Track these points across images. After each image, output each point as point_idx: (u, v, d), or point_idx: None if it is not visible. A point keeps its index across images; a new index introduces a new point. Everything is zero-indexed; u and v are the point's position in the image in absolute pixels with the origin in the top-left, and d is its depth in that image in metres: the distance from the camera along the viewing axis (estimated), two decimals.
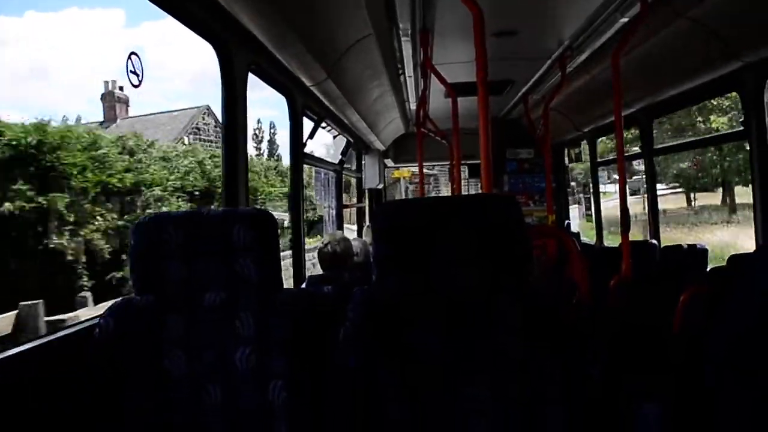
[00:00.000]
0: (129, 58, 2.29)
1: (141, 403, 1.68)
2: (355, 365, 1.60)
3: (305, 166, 4.43)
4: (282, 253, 2.04)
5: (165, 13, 2.29)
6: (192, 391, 1.69)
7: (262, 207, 10.82)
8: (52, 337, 1.91)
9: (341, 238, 3.62)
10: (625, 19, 3.49)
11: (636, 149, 5.72)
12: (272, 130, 49.59)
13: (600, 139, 6.78)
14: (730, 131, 3.89)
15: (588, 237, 6.96)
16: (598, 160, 6.67)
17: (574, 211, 7.85)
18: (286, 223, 11.07)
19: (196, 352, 1.70)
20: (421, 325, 1.63)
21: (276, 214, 11.03)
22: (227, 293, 1.77)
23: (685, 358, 2.10)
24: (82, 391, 1.69)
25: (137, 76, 2.33)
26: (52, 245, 9.99)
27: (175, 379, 1.69)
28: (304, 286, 3.58)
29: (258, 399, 1.67)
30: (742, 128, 3.55)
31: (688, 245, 4.41)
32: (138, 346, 1.70)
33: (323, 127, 5.30)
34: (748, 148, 3.56)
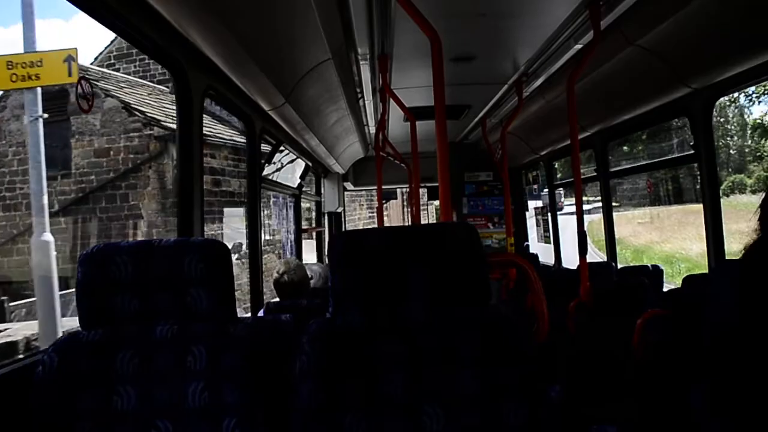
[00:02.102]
0: (79, 83, 2.23)
1: None
2: (313, 404, 1.55)
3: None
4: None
5: None
6: (143, 429, 1.61)
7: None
8: None
9: (296, 266, 3.56)
10: (579, 46, 3.57)
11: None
12: None
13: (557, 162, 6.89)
14: (681, 155, 4.00)
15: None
16: (555, 182, 6.77)
17: (533, 232, 7.92)
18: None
19: (147, 388, 1.63)
20: (378, 360, 1.60)
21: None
22: (179, 326, 1.71)
23: (644, 379, 2.11)
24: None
25: (87, 101, 2.26)
26: None
27: (125, 417, 1.61)
28: (261, 313, 3.51)
29: None
30: (692, 152, 3.64)
31: (644, 266, 4.49)
32: (85, 384, 1.62)
33: (281, 151, 5.26)
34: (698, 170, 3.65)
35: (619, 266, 4.70)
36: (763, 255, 1.44)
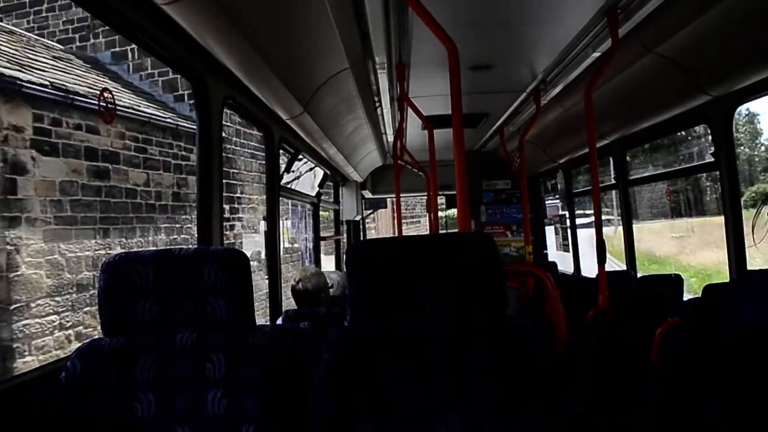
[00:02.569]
0: (101, 94, 2.27)
1: None
2: (330, 414, 1.56)
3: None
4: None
5: None
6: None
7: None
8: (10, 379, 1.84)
9: (314, 273, 3.58)
10: (597, 54, 3.56)
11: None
12: None
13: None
14: (701, 163, 3.96)
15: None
16: (574, 191, 6.73)
17: (551, 241, 7.90)
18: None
19: (167, 395, 1.65)
20: (394, 369, 1.61)
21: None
22: (199, 334, 1.73)
23: (663, 390, 2.09)
24: None
25: (109, 112, 2.30)
26: None
27: (145, 423, 1.63)
28: (280, 321, 3.53)
29: None
30: (713, 159, 3.61)
31: (664, 275, 4.44)
32: (106, 390, 1.64)
33: (299, 159, 5.30)
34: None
35: (639, 275, 4.66)
36: None
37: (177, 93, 10.60)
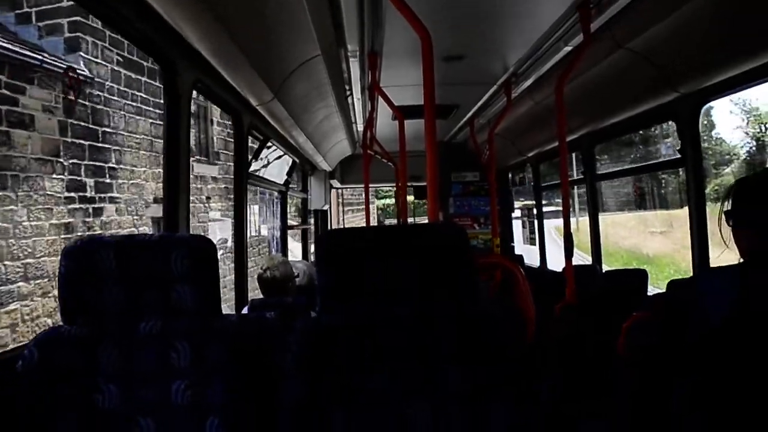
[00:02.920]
0: (66, 73, 2.20)
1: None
2: (300, 400, 1.54)
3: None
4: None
5: None
6: (125, 427, 1.59)
7: None
8: None
9: (281, 262, 3.54)
10: (569, 48, 3.58)
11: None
12: None
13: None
14: (667, 159, 4.03)
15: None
16: (542, 184, 6.79)
17: (518, 234, 7.98)
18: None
19: (130, 385, 1.61)
20: (364, 356, 1.60)
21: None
22: (163, 322, 1.68)
23: (630, 378, 2.12)
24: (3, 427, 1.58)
25: (74, 92, 2.23)
26: None
27: (107, 414, 1.59)
28: (245, 310, 3.48)
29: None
30: (679, 156, 3.66)
31: (630, 269, 4.51)
32: (67, 380, 1.59)
33: (268, 147, 5.23)
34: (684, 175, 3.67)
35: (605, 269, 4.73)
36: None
37: (21, 11, 7.48)
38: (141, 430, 1.59)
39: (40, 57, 6.69)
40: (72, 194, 7.65)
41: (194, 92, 2.89)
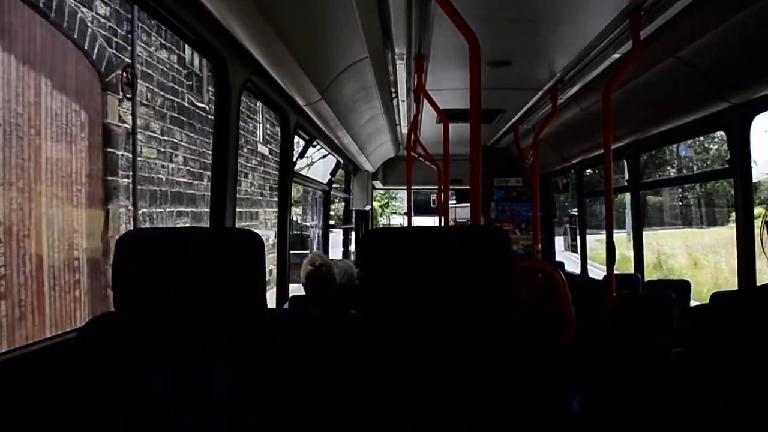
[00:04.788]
0: (124, 70, 2.28)
1: (114, 426, 1.63)
2: (335, 401, 1.58)
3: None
4: None
5: None
6: (167, 415, 1.64)
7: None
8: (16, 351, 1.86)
9: (324, 260, 3.58)
10: (617, 55, 3.55)
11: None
12: None
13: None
14: (716, 169, 3.94)
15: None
16: (586, 191, 6.72)
17: (559, 242, 7.90)
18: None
19: (173, 376, 1.66)
20: (402, 359, 1.62)
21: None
22: (209, 315, 1.73)
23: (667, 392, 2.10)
24: (50, 412, 1.65)
25: (131, 88, 2.32)
26: None
27: (151, 402, 1.64)
28: (286, 306, 3.54)
29: (234, 428, 1.64)
30: (727, 166, 3.59)
31: (672, 280, 4.44)
32: (114, 367, 1.65)
33: (314, 146, 5.31)
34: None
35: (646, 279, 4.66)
36: None
37: None
38: (182, 421, 1.64)
39: None
40: None
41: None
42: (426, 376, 1.61)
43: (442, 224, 5.83)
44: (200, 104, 10.44)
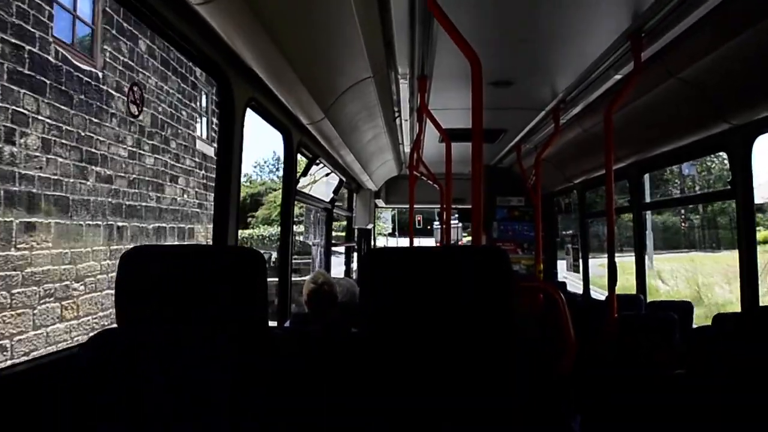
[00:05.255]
0: (131, 88, 2.30)
1: None
2: (335, 417, 1.58)
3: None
4: None
5: None
6: (166, 429, 1.64)
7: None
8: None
9: (326, 279, 3.58)
10: (619, 76, 3.57)
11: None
12: None
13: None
14: (717, 190, 3.94)
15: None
16: (588, 212, 6.72)
17: (561, 263, 7.88)
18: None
19: (175, 389, 1.66)
20: (406, 378, 1.62)
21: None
22: (211, 331, 1.73)
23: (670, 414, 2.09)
24: (54, 423, 1.65)
25: (137, 106, 2.33)
26: None
27: (151, 416, 1.64)
28: (287, 324, 3.54)
29: None
30: (729, 187, 3.60)
31: (674, 301, 4.42)
32: (116, 381, 1.66)
33: (316, 164, 5.34)
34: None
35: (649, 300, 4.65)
36: None
37: None
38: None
39: None
40: None
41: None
42: (425, 392, 1.61)
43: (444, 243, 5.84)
44: (85, 67, 7.85)
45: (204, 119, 13.07)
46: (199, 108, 12.60)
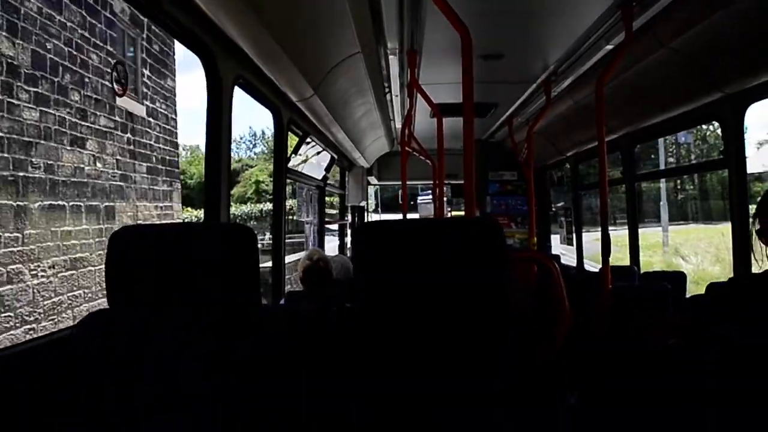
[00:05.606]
0: (114, 67, 2.27)
1: (106, 418, 1.63)
2: (326, 392, 1.58)
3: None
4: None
5: None
6: (153, 407, 1.64)
7: None
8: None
9: (321, 256, 3.59)
10: (610, 47, 3.55)
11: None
12: None
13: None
14: (709, 160, 3.95)
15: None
16: (580, 184, 6.73)
17: (555, 237, 7.92)
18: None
19: (166, 369, 1.66)
20: (400, 351, 1.62)
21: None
22: (203, 310, 1.73)
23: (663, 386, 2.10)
24: (45, 405, 1.65)
25: (122, 86, 2.30)
26: None
27: (141, 397, 1.64)
28: (282, 301, 3.54)
29: (226, 418, 1.63)
30: (722, 157, 3.60)
31: (667, 271, 4.45)
32: (108, 361, 1.65)
33: (307, 143, 5.31)
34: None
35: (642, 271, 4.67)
36: None
37: None
38: (168, 415, 1.63)
39: None
40: None
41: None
42: (419, 365, 1.61)
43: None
44: None
45: (137, 70, 10.50)
46: (121, 55, 9.47)
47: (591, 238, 7.18)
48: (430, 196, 18.70)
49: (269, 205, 20.48)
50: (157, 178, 11.80)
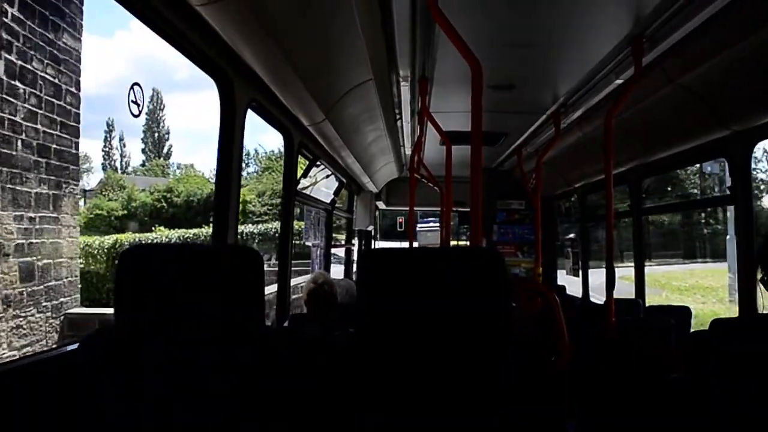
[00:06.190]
0: (131, 88, 2.31)
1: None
2: (332, 411, 1.58)
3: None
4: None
5: None
6: (163, 426, 1.64)
7: None
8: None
9: (326, 279, 3.59)
10: (620, 81, 3.57)
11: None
12: None
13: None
14: (716, 196, 3.96)
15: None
16: (588, 215, 6.72)
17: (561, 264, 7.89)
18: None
19: (171, 386, 1.67)
20: (401, 377, 1.63)
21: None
22: (208, 329, 1.74)
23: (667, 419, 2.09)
24: (49, 419, 1.66)
25: (138, 106, 2.34)
26: None
27: (148, 415, 1.65)
28: (286, 324, 3.54)
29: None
30: (728, 193, 3.60)
31: (673, 306, 4.43)
32: (113, 377, 1.66)
33: (317, 166, 5.34)
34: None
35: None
36: None
37: None
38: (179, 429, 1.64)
39: None
40: None
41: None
42: (420, 392, 1.61)
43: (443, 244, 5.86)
44: None
45: None
46: None
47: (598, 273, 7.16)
48: (431, 224, 18.57)
49: (256, 227, 20.38)
50: (29, 176, 8.48)
